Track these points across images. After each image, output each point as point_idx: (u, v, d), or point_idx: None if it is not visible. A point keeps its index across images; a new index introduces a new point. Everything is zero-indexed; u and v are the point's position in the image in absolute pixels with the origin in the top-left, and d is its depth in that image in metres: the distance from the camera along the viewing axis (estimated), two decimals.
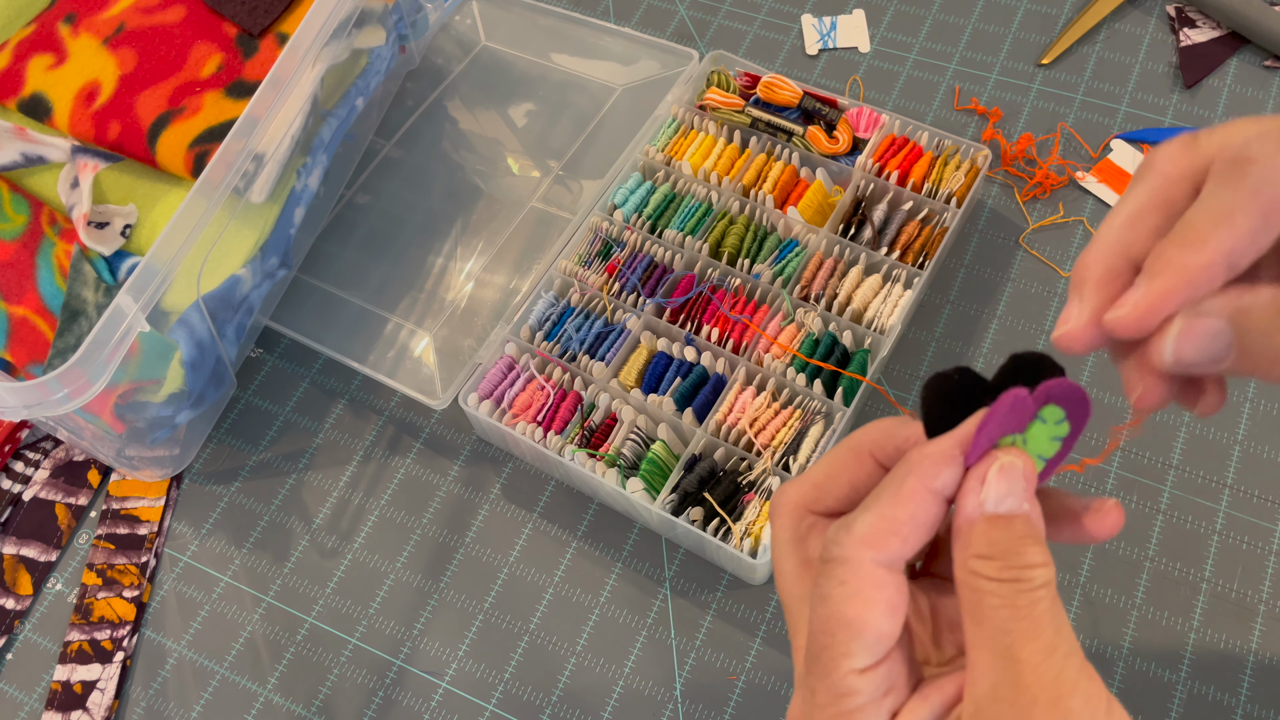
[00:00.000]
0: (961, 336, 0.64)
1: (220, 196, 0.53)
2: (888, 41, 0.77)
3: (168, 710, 0.56)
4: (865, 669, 0.27)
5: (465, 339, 0.65)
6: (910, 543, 0.27)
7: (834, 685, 0.27)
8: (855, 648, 0.26)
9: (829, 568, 0.27)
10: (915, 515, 0.27)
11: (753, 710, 0.54)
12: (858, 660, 0.26)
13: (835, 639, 0.27)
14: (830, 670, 0.27)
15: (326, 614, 0.58)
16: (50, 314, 0.56)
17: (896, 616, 0.27)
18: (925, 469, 0.27)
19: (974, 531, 0.26)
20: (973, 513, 0.26)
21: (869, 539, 0.27)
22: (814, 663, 0.27)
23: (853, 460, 0.30)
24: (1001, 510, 0.26)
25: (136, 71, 0.59)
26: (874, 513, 0.27)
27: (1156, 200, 0.28)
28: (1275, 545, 0.56)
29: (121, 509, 0.62)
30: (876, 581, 0.27)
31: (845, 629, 0.26)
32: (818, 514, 0.30)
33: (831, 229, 0.64)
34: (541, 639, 0.56)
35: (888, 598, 0.27)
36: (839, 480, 0.30)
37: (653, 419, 0.59)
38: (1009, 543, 0.26)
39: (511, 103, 0.76)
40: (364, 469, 0.63)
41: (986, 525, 0.26)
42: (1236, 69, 0.73)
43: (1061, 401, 0.27)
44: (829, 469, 0.30)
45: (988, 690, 0.26)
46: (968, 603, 0.26)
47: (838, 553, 0.27)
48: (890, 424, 0.29)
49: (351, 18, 0.60)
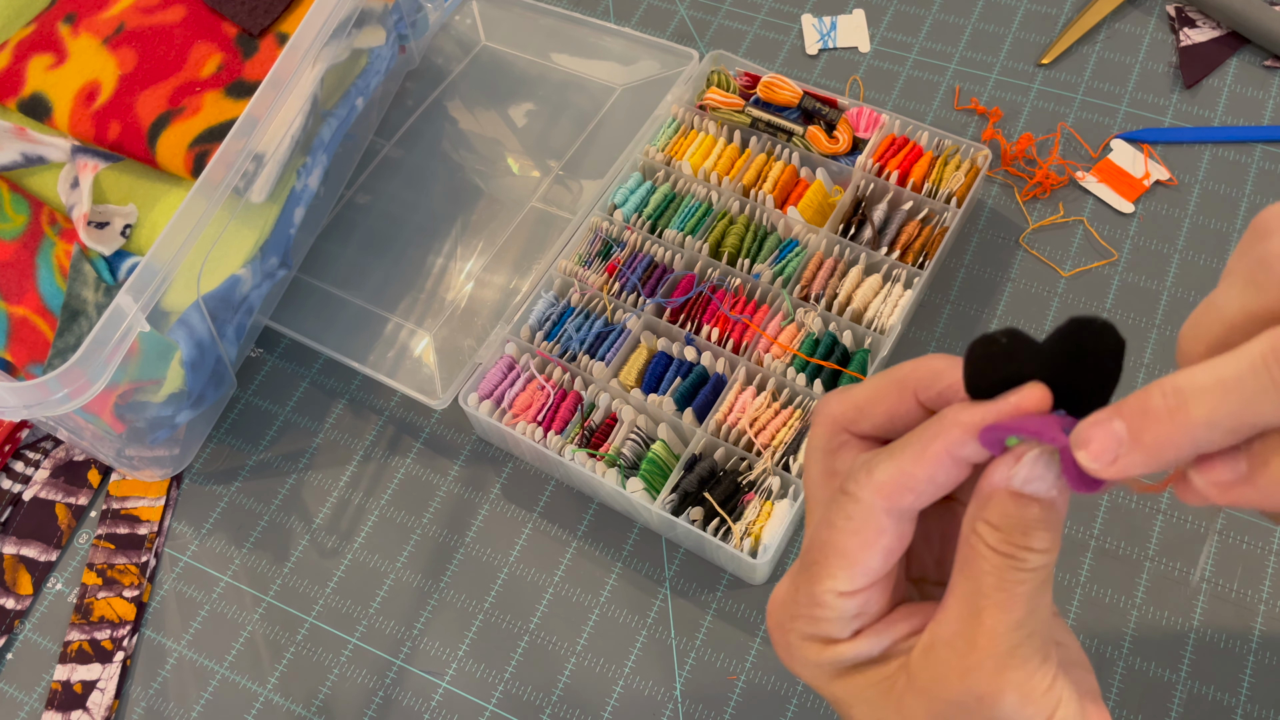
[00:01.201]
0: (962, 336, 0.64)
1: (220, 196, 0.53)
2: (888, 41, 0.77)
3: (168, 710, 0.56)
4: (845, 593, 0.29)
5: (465, 339, 0.65)
6: (924, 499, 0.28)
7: (815, 595, 0.29)
8: (842, 575, 0.29)
9: (842, 500, 0.29)
10: (934, 476, 0.27)
11: (753, 710, 0.54)
12: (841, 584, 0.29)
13: (828, 560, 0.29)
14: (815, 582, 0.29)
15: (326, 614, 0.58)
16: (50, 314, 0.56)
17: (888, 560, 0.29)
18: (953, 436, 0.27)
19: (991, 499, 0.27)
20: (997, 482, 0.27)
21: (884, 489, 0.28)
22: (805, 569, 0.30)
23: (894, 392, 0.30)
24: (1026, 490, 0.26)
25: (136, 71, 0.59)
26: (895, 464, 0.28)
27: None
28: (1275, 545, 0.56)
29: (121, 509, 0.62)
30: (879, 527, 0.28)
31: (839, 557, 0.29)
32: (852, 434, 0.31)
33: (831, 229, 0.64)
34: (541, 639, 0.56)
35: (886, 543, 0.28)
36: (878, 408, 0.30)
37: (653, 419, 0.59)
38: (1020, 521, 0.26)
39: (511, 103, 0.76)
40: (364, 469, 0.63)
41: (1004, 498, 0.27)
42: (1236, 69, 0.73)
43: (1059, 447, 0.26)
44: (871, 394, 0.30)
45: (945, 635, 0.28)
46: (962, 554, 0.28)
47: (853, 489, 0.28)
48: (940, 365, 0.29)
49: (351, 18, 0.60)
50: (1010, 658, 0.27)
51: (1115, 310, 0.64)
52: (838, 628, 0.30)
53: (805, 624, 0.30)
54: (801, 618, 0.30)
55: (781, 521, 0.53)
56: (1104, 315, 0.25)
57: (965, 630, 0.27)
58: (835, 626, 0.29)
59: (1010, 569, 0.27)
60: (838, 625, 0.29)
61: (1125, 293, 0.65)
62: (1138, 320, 0.64)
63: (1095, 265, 0.66)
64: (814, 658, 0.30)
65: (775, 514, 0.54)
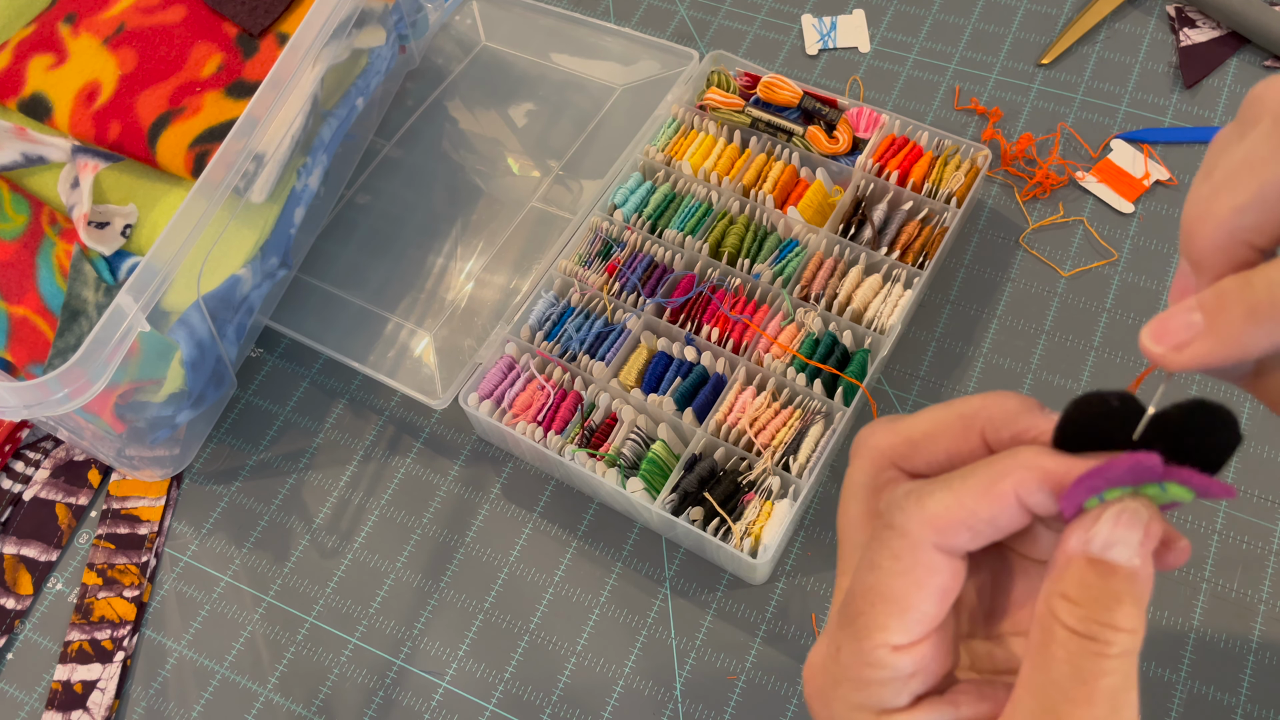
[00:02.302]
0: (961, 336, 0.64)
1: (220, 196, 0.53)
2: (888, 41, 0.77)
3: (168, 710, 0.56)
4: (899, 647, 0.25)
5: (465, 339, 0.65)
6: (979, 540, 0.25)
7: (863, 652, 0.25)
8: (893, 624, 0.25)
9: (886, 536, 0.25)
10: (996, 519, 0.25)
11: (753, 710, 0.54)
12: (893, 636, 0.25)
13: (874, 609, 0.25)
14: (862, 638, 0.25)
15: (327, 614, 0.58)
16: (50, 314, 0.56)
17: (944, 603, 0.25)
18: (1027, 481, 0.24)
19: (1069, 569, 0.24)
20: (1074, 549, 0.24)
21: (937, 522, 0.25)
22: (848, 623, 0.26)
23: (959, 429, 0.27)
24: (1106, 557, 0.23)
25: (137, 71, 0.59)
26: (953, 497, 0.25)
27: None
28: (1275, 545, 0.56)
29: (122, 509, 0.62)
30: (931, 566, 0.25)
31: (887, 604, 0.25)
32: (902, 470, 0.28)
33: (831, 229, 0.64)
34: (541, 639, 0.56)
35: (940, 583, 0.25)
36: (938, 445, 0.27)
37: (653, 419, 0.59)
38: (1102, 594, 0.23)
39: (511, 103, 0.76)
40: (364, 469, 0.63)
41: (1084, 567, 0.23)
42: (1236, 69, 0.73)
43: (1198, 490, 0.24)
44: (930, 428, 0.27)
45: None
46: (1036, 639, 0.24)
47: (900, 522, 0.25)
48: (1016, 406, 0.26)
49: (351, 18, 0.60)
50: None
51: (1115, 310, 0.64)
52: (892, 692, 0.25)
53: (853, 690, 0.26)
54: (848, 682, 0.26)
55: (781, 521, 0.53)
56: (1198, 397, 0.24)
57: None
58: (890, 691, 0.25)
59: (1090, 656, 0.23)
60: (892, 689, 0.25)
61: (1125, 293, 0.65)
62: (1137, 320, 0.64)
63: (1095, 265, 0.66)
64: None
65: (775, 514, 0.54)
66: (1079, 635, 0.23)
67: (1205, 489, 0.23)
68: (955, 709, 0.25)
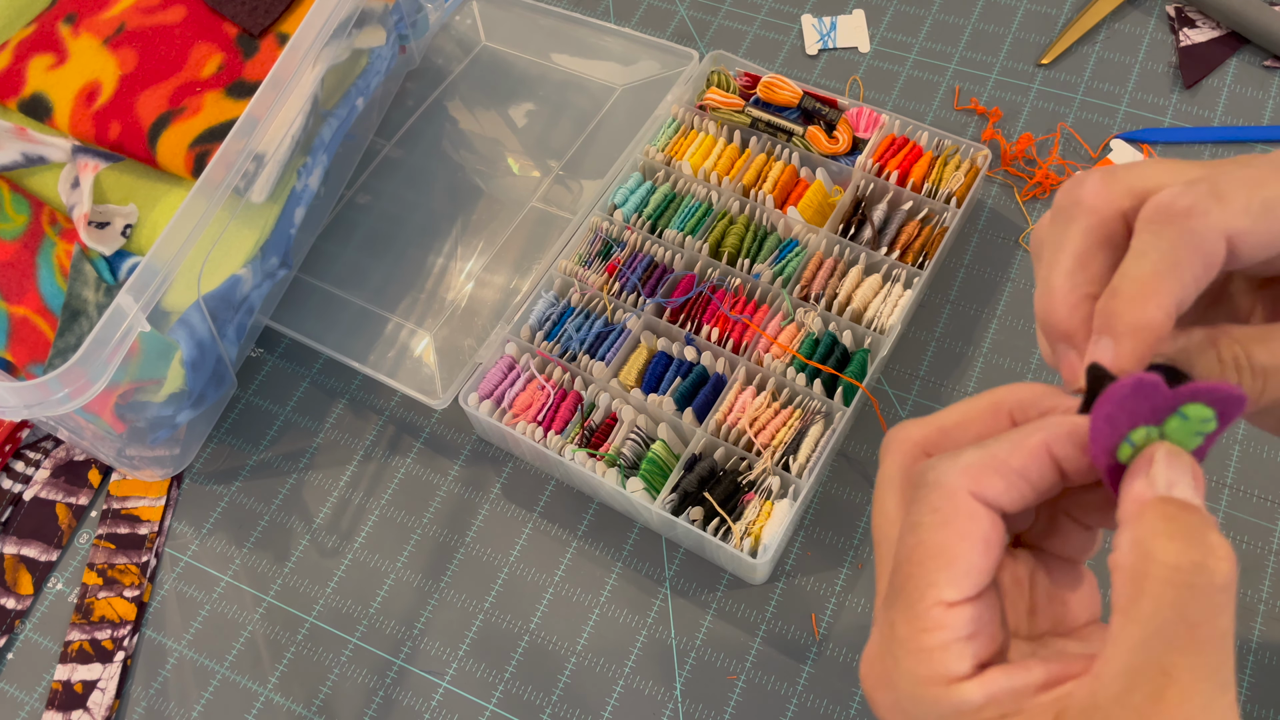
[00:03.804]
0: (961, 336, 0.64)
1: (220, 196, 0.53)
2: (888, 41, 0.77)
3: (168, 710, 0.56)
4: (953, 603, 0.25)
5: (465, 339, 0.65)
6: (1011, 493, 0.25)
7: (917, 616, 0.25)
8: (943, 578, 0.25)
9: (923, 493, 0.26)
10: (1027, 470, 0.25)
11: (753, 710, 0.54)
12: (945, 592, 0.25)
13: (923, 567, 0.25)
14: (915, 601, 0.25)
15: (327, 614, 0.58)
16: (51, 314, 0.56)
17: (990, 553, 0.25)
18: (1058, 431, 0.25)
19: (1149, 512, 0.23)
20: (1144, 493, 0.24)
21: (971, 470, 0.25)
22: (897, 595, 0.25)
23: (989, 415, 0.28)
24: (1175, 494, 0.23)
25: (137, 71, 0.59)
26: (986, 451, 0.26)
27: (1097, 239, 0.28)
28: (1275, 545, 0.56)
29: (122, 509, 0.62)
30: (971, 513, 0.25)
31: (934, 558, 0.25)
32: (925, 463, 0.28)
33: (831, 229, 0.64)
34: (541, 639, 0.57)
35: (983, 531, 0.25)
36: (968, 431, 0.28)
37: (653, 419, 0.59)
38: (1191, 525, 0.23)
39: (511, 103, 0.76)
40: (364, 469, 0.63)
41: (1163, 504, 0.23)
42: (1236, 69, 0.73)
43: (1211, 402, 0.24)
44: (961, 417, 0.28)
45: (1116, 693, 0.22)
46: (1126, 594, 0.23)
47: (934, 477, 0.26)
48: (1042, 390, 0.28)
49: (351, 18, 0.60)
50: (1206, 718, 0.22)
51: None
52: (955, 656, 0.25)
53: (915, 663, 0.25)
54: (908, 656, 0.25)
55: (781, 521, 0.53)
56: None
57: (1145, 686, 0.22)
58: (952, 655, 0.25)
59: (1196, 593, 0.22)
60: (955, 653, 0.25)
61: None
62: None
63: None
64: (935, 707, 0.25)
65: (775, 514, 0.54)
66: (1181, 571, 0.22)
67: (1214, 395, 0.24)
68: (1027, 672, 0.25)
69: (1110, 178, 0.28)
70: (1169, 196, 0.27)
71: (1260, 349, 0.27)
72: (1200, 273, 0.26)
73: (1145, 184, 0.28)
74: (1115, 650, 0.23)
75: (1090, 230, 0.28)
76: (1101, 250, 0.28)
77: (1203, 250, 0.26)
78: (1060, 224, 0.29)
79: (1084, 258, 0.28)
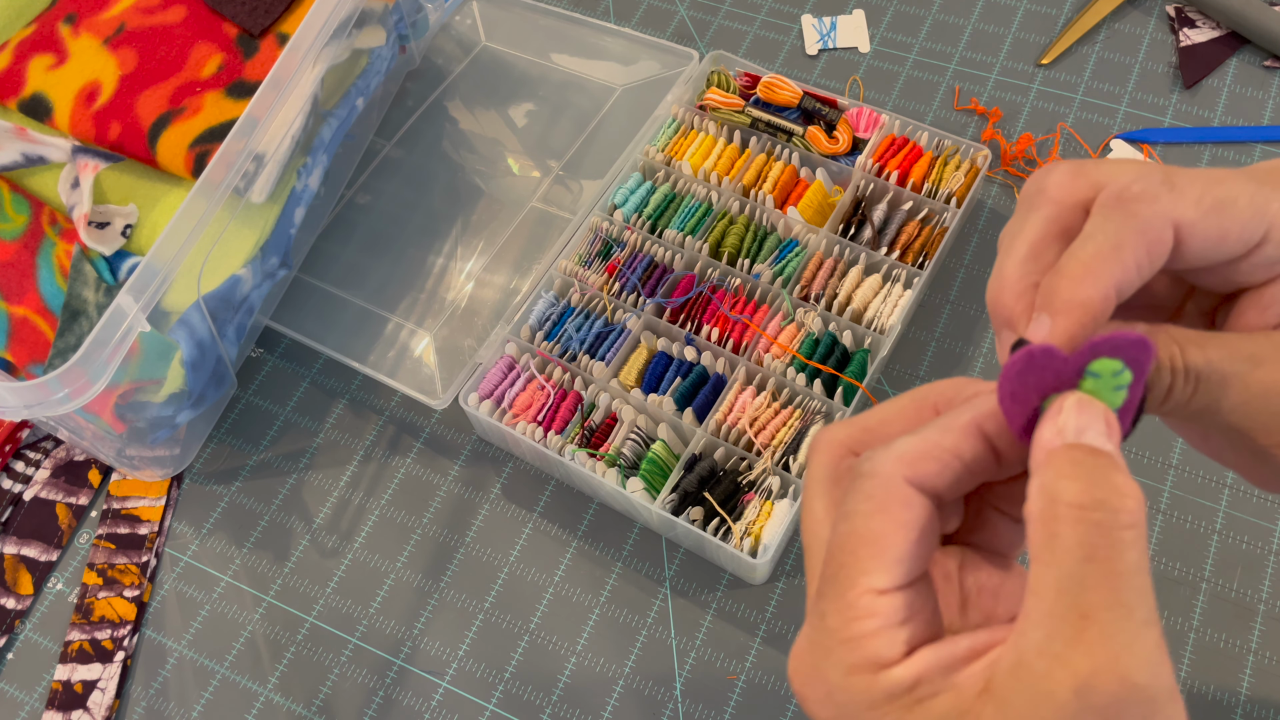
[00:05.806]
0: (961, 336, 0.64)
1: (220, 196, 0.53)
2: (888, 41, 0.77)
3: (168, 710, 0.56)
4: (884, 590, 0.24)
5: (465, 339, 0.65)
6: (946, 474, 0.25)
7: (849, 605, 0.24)
8: (875, 566, 0.24)
9: (858, 484, 0.26)
10: (960, 449, 0.25)
11: (753, 710, 0.54)
12: (876, 579, 0.24)
13: (855, 555, 0.25)
14: (846, 589, 0.24)
15: (327, 614, 0.58)
16: (51, 314, 0.56)
17: (924, 541, 0.25)
18: (986, 409, 0.26)
19: (1055, 457, 0.24)
20: (1051, 440, 0.24)
21: (905, 457, 0.25)
22: (828, 584, 0.25)
23: (913, 410, 0.28)
24: (1084, 441, 0.24)
25: (137, 71, 0.59)
26: (918, 436, 0.26)
27: (1055, 229, 0.28)
28: (1275, 545, 0.56)
29: (122, 509, 0.62)
30: (905, 500, 0.25)
31: (866, 546, 0.25)
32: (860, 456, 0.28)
33: (831, 229, 0.64)
34: (541, 639, 0.57)
35: (916, 518, 0.25)
36: (893, 428, 0.28)
37: (653, 419, 0.59)
38: (1096, 467, 0.23)
39: (511, 103, 0.76)
40: (364, 469, 0.63)
41: (1069, 450, 0.24)
42: (1236, 69, 0.73)
43: (1114, 353, 0.24)
44: (885, 415, 0.29)
45: (1039, 642, 0.22)
46: (1038, 541, 0.23)
47: (869, 468, 0.26)
48: (964, 381, 0.28)
49: (351, 18, 0.60)
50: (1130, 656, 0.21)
51: None
52: (886, 643, 0.24)
53: (845, 652, 0.24)
54: (839, 645, 0.25)
55: (781, 521, 0.53)
56: None
57: (1064, 630, 0.22)
58: (883, 642, 0.24)
59: (1102, 532, 0.22)
60: (885, 640, 0.24)
61: None
62: None
63: None
64: (866, 694, 0.24)
65: (775, 514, 0.54)
66: (1085, 509, 0.22)
67: (1114, 344, 0.24)
68: (953, 644, 0.24)
69: (1078, 170, 0.28)
70: (1123, 183, 0.27)
71: (1195, 351, 0.28)
72: (1144, 258, 0.27)
73: (1111, 179, 0.28)
74: (1033, 601, 0.23)
75: (1049, 220, 0.28)
76: (1059, 241, 0.28)
77: (1148, 235, 0.26)
78: (1022, 212, 0.29)
79: (1039, 246, 0.28)
